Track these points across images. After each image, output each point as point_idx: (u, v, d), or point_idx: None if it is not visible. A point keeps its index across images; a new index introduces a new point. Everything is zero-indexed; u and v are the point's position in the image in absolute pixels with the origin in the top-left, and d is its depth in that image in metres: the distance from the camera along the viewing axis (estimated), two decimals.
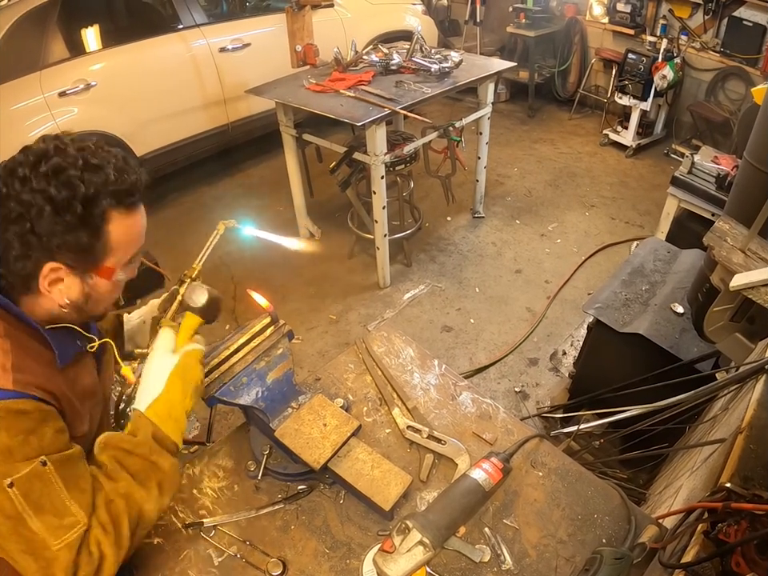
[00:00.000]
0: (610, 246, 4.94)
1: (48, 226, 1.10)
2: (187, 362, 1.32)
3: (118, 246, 1.21)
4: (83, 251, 1.16)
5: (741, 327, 2.07)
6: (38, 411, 1.11)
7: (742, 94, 5.77)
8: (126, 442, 1.22)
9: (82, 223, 1.12)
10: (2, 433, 1.05)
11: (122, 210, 1.19)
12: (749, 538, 0.98)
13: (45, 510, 1.08)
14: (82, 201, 1.11)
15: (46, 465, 1.09)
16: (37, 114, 4.09)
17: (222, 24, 5.23)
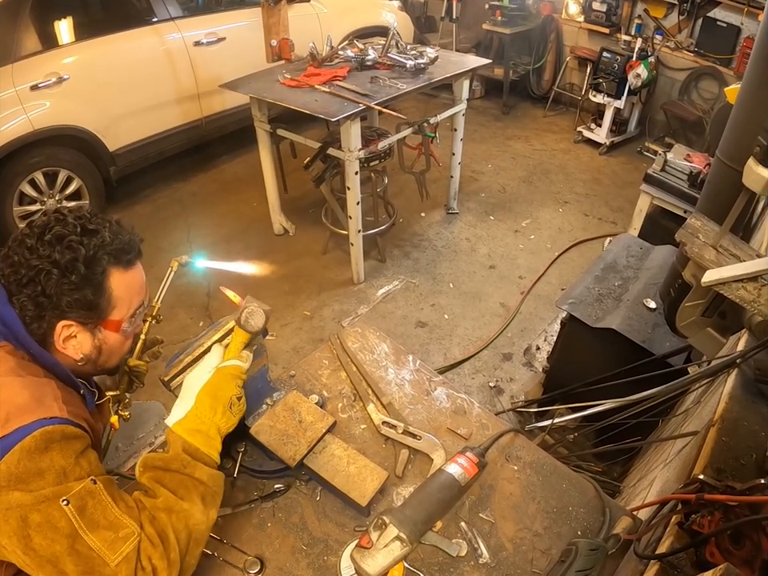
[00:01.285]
0: (584, 242, 4.98)
1: (56, 286, 1.22)
2: (219, 379, 1.35)
3: (121, 300, 1.33)
4: (90, 307, 1.28)
5: (712, 322, 2.09)
6: (84, 437, 1.20)
7: (715, 93, 5.85)
8: (158, 459, 1.25)
9: (85, 282, 1.25)
10: (58, 455, 1.11)
11: (121, 268, 1.32)
12: (722, 529, 1.00)
13: (100, 525, 1.11)
14: (84, 262, 1.24)
15: (96, 483, 1.14)
16: (8, 108, 4.01)
17: (197, 17, 5.18)
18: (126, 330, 1.38)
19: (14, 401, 1.15)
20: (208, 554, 1.35)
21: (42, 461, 1.09)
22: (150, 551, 1.13)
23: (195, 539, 1.20)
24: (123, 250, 1.32)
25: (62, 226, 1.26)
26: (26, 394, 1.17)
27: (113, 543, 1.10)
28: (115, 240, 1.30)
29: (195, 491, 1.23)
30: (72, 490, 1.10)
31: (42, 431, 1.10)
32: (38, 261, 1.21)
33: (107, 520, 1.12)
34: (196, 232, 4.85)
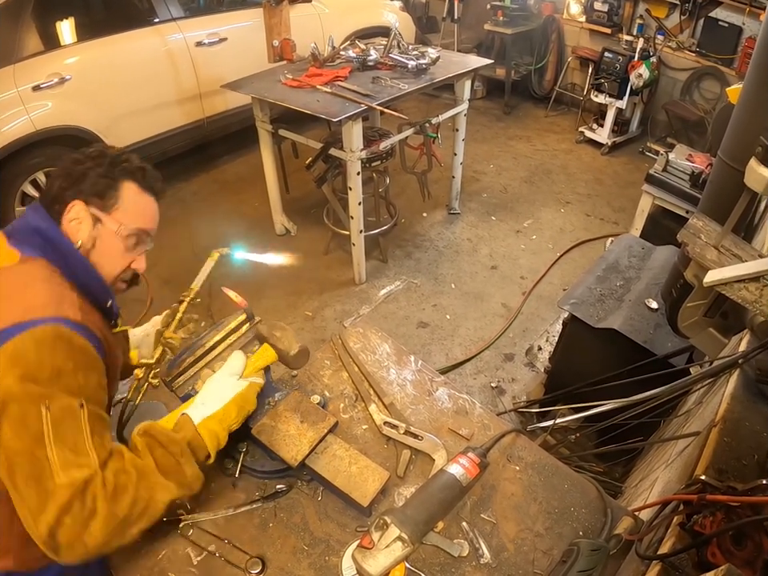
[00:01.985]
0: (585, 243, 4.98)
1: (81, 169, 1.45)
2: (249, 393, 1.46)
3: (126, 210, 1.48)
4: (99, 195, 1.45)
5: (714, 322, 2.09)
6: (93, 356, 1.27)
7: (717, 93, 5.85)
8: (163, 435, 1.29)
9: (104, 175, 1.45)
10: (61, 356, 1.18)
11: (137, 185, 1.50)
12: (724, 529, 0.99)
13: (65, 444, 1.14)
14: (109, 161, 1.47)
15: (83, 407, 1.18)
16: (10, 109, 4.02)
17: (199, 18, 5.18)
18: (123, 234, 1.47)
19: (37, 299, 1.24)
20: (210, 553, 1.35)
21: (45, 355, 1.16)
22: (100, 494, 1.13)
23: (149, 514, 1.22)
24: (143, 175, 1.52)
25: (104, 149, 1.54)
26: (49, 295, 1.27)
27: (67, 465, 1.12)
28: (140, 169, 1.52)
29: (175, 478, 1.26)
30: (58, 400, 1.15)
31: (55, 327, 1.19)
32: (80, 156, 1.48)
33: (74, 443, 1.15)
34: (198, 232, 4.84)
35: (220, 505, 1.47)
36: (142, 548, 1.37)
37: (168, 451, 1.27)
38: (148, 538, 1.39)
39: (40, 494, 1.10)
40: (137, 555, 1.36)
